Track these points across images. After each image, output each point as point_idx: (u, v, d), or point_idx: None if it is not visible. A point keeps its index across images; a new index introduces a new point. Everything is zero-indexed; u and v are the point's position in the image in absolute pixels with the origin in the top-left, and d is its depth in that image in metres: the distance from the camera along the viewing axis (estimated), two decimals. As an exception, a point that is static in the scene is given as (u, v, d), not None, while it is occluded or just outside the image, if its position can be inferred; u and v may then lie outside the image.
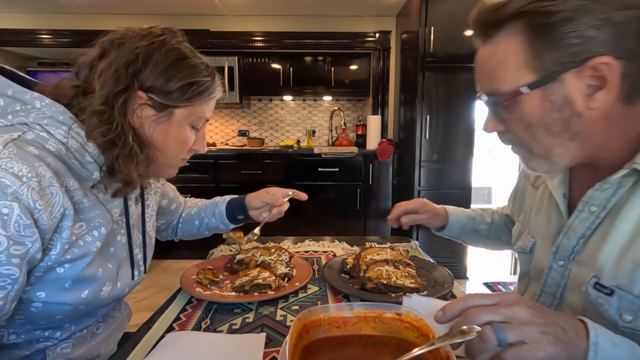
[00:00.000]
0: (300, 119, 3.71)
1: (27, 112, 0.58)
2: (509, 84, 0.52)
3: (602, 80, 0.48)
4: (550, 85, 0.50)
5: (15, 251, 0.49)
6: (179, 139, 0.68)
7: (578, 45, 0.47)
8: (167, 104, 0.64)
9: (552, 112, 0.51)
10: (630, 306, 0.48)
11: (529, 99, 0.51)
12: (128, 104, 0.61)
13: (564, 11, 0.46)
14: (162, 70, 0.62)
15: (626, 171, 0.51)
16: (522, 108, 0.52)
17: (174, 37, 0.66)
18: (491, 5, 0.52)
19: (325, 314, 0.51)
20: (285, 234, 1.21)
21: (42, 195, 0.52)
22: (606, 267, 0.51)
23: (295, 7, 3.20)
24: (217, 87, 0.70)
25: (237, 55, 3.19)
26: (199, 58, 0.68)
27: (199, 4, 3.08)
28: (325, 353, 0.49)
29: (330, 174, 3.08)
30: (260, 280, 0.74)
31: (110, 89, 0.59)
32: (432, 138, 2.67)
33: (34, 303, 0.57)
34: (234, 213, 0.97)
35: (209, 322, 0.65)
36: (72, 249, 0.58)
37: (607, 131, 0.52)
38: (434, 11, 2.56)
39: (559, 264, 0.60)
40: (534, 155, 0.57)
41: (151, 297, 2.37)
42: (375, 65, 3.31)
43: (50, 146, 0.57)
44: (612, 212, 0.54)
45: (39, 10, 3.26)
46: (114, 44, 0.62)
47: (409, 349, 0.44)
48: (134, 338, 0.60)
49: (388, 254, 0.85)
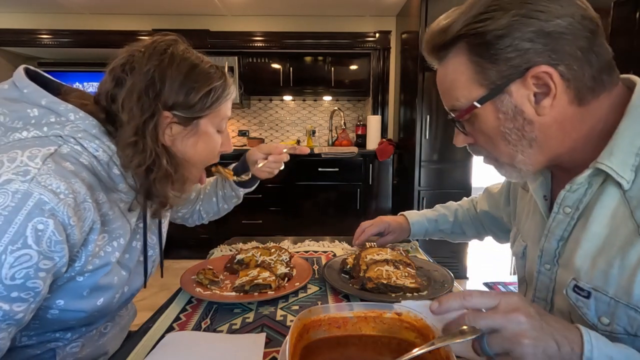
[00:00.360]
0: (300, 119, 3.71)
1: (62, 124, 0.58)
2: (463, 100, 0.55)
3: (546, 87, 0.50)
4: (499, 97, 0.52)
5: (43, 266, 0.49)
6: (209, 147, 0.70)
7: (516, 58, 0.49)
8: (192, 116, 0.65)
9: (507, 122, 0.53)
10: (607, 308, 0.49)
11: (484, 112, 0.54)
12: (158, 128, 0.62)
13: (496, 30, 0.49)
14: (179, 85, 0.63)
15: (590, 171, 0.52)
16: (480, 121, 0.55)
17: (179, 47, 0.66)
18: (436, 31, 0.57)
19: (325, 314, 0.51)
20: (285, 234, 1.21)
21: (76, 211, 0.52)
22: (582, 269, 0.52)
23: (295, 7, 3.19)
24: (230, 85, 0.71)
25: (237, 55, 3.19)
26: (207, 62, 0.68)
27: (199, 4, 3.08)
28: (325, 353, 0.49)
29: (330, 174, 3.08)
30: (260, 280, 0.74)
31: (138, 118, 0.60)
32: (432, 138, 2.67)
33: (51, 310, 0.57)
34: (239, 174, 0.96)
35: (209, 322, 0.65)
36: (94, 260, 0.58)
37: (564, 134, 0.53)
38: (434, 11, 2.56)
39: (546, 267, 0.61)
40: (500, 164, 0.59)
41: (151, 297, 2.37)
42: (375, 65, 3.31)
43: (84, 160, 0.58)
44: (584, 213, 0.54)
45: (39, 10, 3.26)
46: (125, 70, 0.61)
47: (409, 349, 0.44)
48: (134, 338, 0.60)
49: (388, 254, 0.85)
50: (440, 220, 1.05)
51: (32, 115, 0.57)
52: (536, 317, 0.42)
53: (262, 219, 3.07)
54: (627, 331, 0.48)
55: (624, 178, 0.49)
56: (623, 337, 0.48)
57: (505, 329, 0.41)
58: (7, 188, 0.48)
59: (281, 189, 3.07)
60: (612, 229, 0.50)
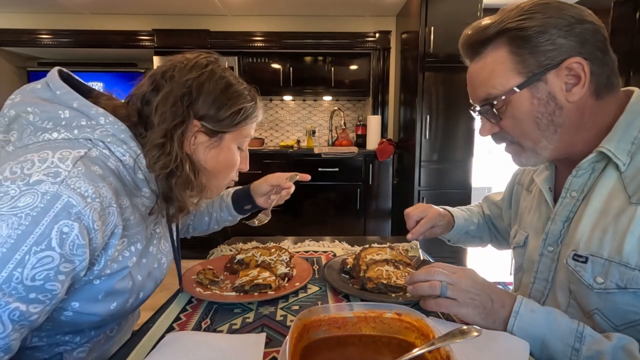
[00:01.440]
0: (300, 119, 3.71)
1: (92, 128, 0.58)
2: (501, 87, 0.62)
3: (577, 78, 0.59)
4: (536, 84, 0.60)
5: (64, 269, 0.49)
6: (228, 162, 0.72)
7: (553, 51, 0.58)
8: (218, 130, 0.68)
9: (540, 107, 0.61)
10: (601, 269, 0.57)
11: (520, 98, 0.61)
12: (185, 135, 0.65)
13: (536, 26, 0.58)
14: (213, 99, 0.66)
15: (594, 154, 0.61)
16: (514, 106, 0.62)
17: (219, 66, 0.70)
18: (477, 29, 0.64)
19: (325, 314, 0.51)
20: (285, 234, 1.21)
21: (101, 215, 0.52)
22: (582, 240, 0.61)
23: (295, 7, 3.19)
24: (259, 108, 0.75)
25: (237, 55, 3.19)
26: (242, 84, 0.72)
27: (199, 4, 3.08)
28: (325, 353, 0.49)
29: (330, 174, 3.08)
30: (260, 280, 0.74)
31: (169, 122, 0.62)
32: (432, 138, 2.67)
33: (66, 312, 0.57)
34: (241, 203, 0.99)
35: (209, 322, 0.65)
36: (112, 264, 0.58)
37: (582, 123, 0.62)
38: (434, 11, 2.56)
39: (549, 249, 0.68)
40: (523, 150, 0.66)
41: (151, 297, 2.38)
42: (375, 65, 3.31)
43: (111, 164, 0.59)
44: (587, 195, 0.63)
45: (39, 10, 3.26)
46: (165, 77, 0.64)
47: (409, 349, 0.44)
48: (134, 338, 0.60)
49: (388, 253, 0.85)
50: (469, 221, 1.01)
51: (62, 117, 0.58)
52: (480, 282, 0.62)
53: (262, 219, 3.07)
54: (618, 285, 0.56)
55: (621, 160, 0.59)
56: (615, 291, 0.56)
57: (457, 283, 0.61)
58: (37, 189, 0.48)
59: (281, 189, 3.07)
60: (608, 203, 0.59)
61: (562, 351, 0.53)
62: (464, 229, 1.01)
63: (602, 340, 0.51)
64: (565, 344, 0.53)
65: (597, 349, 0.50)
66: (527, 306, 0.57)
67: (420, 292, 0.63)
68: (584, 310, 0.61)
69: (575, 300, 0.62)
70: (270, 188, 0.96)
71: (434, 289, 0.61)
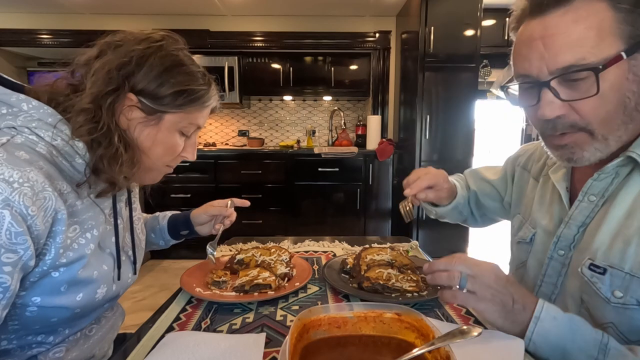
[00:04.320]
0: (300, 119, 3.71)
1: (14, 115, 0.57)
2: (600, 52, 0.48)
3: None
4: (636, 55, 0.48)
5: (7, 259, 0.48)
6: (166, 144, 0.68)
7: None
8: (157, 108, 0.64)
9: (633, 85, 0.49)
10: (621, 282, 0.52)
11: (617, 70, 0.48)
12: (116, 105, 0.61)
13: None
14: (155, 75, 0.62)
15: (621, 159, 0.54)
16: (607, 79, 0.48)
17: (174, 44, 0.66)
18: None
19: (325, 314, 0.51)
20: (285, 234, 1.21)
21: (34, 200, 0.51)
22: (600, 249, 0.55)
23: (295, 7, 3.20)
24: (212, 96, 0.70)
25: (237, 55, 3.19)
26: (197, 66, 0.68)
27: (199, 4, 3.08)
28: (325, 353, 0.49)
29: (330, 174, 3.08)
30: (260, 280, 0.74)
31: (100, 88, 0.59)
32: (432, 138, 2.68)
33: (29, 307, 0.56)
34: (178, 228, 0.95)
35: (209, 322, 0.65)
36: (67, 253, 0.57)
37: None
38: (434, 11, 2.56)
39: (560, 253, 0.63)
40: (593, 139, 0.53)
41: (151, 297, 2.37)
42: (375, 65, 3.32)
43: (40, 149, 0.56)
44: (608, 201, 0.56)
45: (39, 10, 3.26)
46: (111, 46, 0.62)
47: (409, 349, 0.44)
48: (134, 338, 0.60)
49: (388, 254, 0.85)
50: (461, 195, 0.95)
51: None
52: (504, 279, 0.55)
53: (262, 219, 3.07)
54: (639, 302, 0.50)
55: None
56: (634, 307, 0.51)
57: (479, 276, 0.55)
58: None
59: (281, 189, 3.08)
60: (632, 212, 0.53)
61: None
62: (457, 201, 0.94)
63: (628, 354, 0.48)
64: (587, 355, 0.49)
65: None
66: (549, 312, 0.52)
67: (438, 282, 0.58)
68: (596, 322, 0.55)
69: (588, 311, 0.57)
70: (210, 218, 0.92)
71: (452, 279, 0.56)
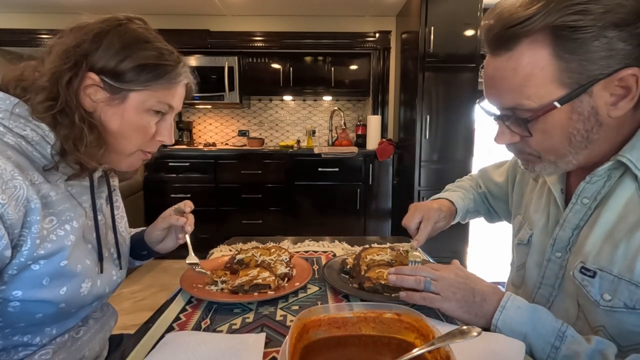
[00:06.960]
0: (300, 119, 3.71)
1: None
2: (538, 99, 0.51)
3: (627, 90, 0.49)
4: (580, 97, 0.50)
5: None
6: (135, 125, 0.65)
7: (608, 58, 0.47)
8: (120, 86, 0.61)
9: (578, 123, 0.52)
10: (610, 285, 0.53)
11: (558, 112, 0.51)
12: (74, 83, 0.59)
13: (594, 26, 0.46)
14: (115, 51, 0.60)
15: (611, 163, 0.55)
16: (548, 121, 0.52)
17: (136, 23, 0.64)
18: (514, 18, 0.50)
19: (325, 314, 0.51)
20: (285, 234, 1.21)
21: (4, 189, 0.50)
22: (591, 253, 0.56)
23: (295, 7, 3.19)
24: (182, 73, 0.67)
25: (237, 55, 3.19)
26: (163, 43, 0.66)
27: (199, 4, 3.08)
28: (325, 353, 0.49)
29: (330, 174, 3.08)
30: (260, 280, 0.74)
31: (56, 65, 0.58)
32: (432, 138, 2.68)
33: (11, 302, 0.55)
34: (136, 250, 0.87)
35: (209, 322, 0.65)
36: (44, 244, 0.56)
37: (615, 136, 0.54)
38: (434, 11, 2.56)
39: (557, 255, 0.64)
40: (541, 161, 0.58)
41: (151, 297, 2.37)
42: (375, 65, 3.31)
43: (8, 140, 0.56)
44: (601, 204, 0.58)
45: (39, 10, 3.26)
46: (74, 28, 0.62)
47: (409, 349, 0.44)
48: (134, 338, 0.60)
49: (388, 254, 0.85)
50: (467, 199, 0.97)
51: None
52: (463, 276, 0.64)
53: (262, 219, 3.08)
54: (627, 305, 0.52)
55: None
56: (622, 310, 0.52)
57: (440, 279, 0.63)
58: None
59: (281, 189, 3.07)
60: (622, 216, 0.54)
61: (542, 348, 0.53)
62: (464, 209, 0.96)
63: (582, 341, 0.51)
64: (545, 342, 0.53)
65: (575, 349, 0.51)
66: (514, 302, 0.58)
67: (405, 284, 0.65)
68: (590, 326, 0.57)
69: (584, 314, 0.58)
70: (164, 232, 0.84)
71: (418, 283, 0.64)
